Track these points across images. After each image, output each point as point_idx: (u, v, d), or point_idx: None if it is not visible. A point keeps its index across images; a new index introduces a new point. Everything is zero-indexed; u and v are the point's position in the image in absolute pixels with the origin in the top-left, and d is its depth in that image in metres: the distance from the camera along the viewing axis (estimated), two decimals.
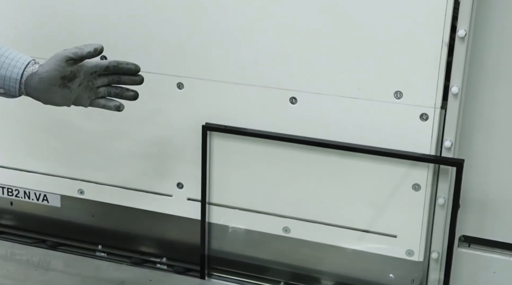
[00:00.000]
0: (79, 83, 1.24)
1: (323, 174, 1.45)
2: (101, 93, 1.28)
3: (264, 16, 1.40)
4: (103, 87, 1.29)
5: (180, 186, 1.57)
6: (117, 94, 1.30)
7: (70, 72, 1.22)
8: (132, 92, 1.30)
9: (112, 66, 1.27)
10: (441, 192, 1.40)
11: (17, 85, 1.22)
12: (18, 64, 1.22)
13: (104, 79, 1.28)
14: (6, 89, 1.23)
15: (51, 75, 1.21)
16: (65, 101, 1.26)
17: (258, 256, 1.57)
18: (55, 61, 1.21)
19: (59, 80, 1.22)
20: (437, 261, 1.44)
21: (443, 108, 1.35)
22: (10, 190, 1.72)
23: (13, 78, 1.22)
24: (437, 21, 1.28)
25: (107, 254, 1.69)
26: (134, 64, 1.29)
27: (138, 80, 1.30)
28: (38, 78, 1.21)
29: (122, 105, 1.30)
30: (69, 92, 1.24)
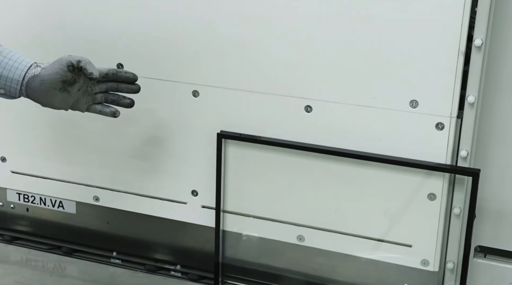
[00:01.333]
0: (78, 88, 1.28)
1: (338, 182, 1.44)
2: (98, 99, 1.32)
3: (280, 24, 1.40)
4: (100, 93, 1.32)
5: (195, 193, 1.57)
6: (114, 101, 1.33)
7: (71, 77, 1.25)
8: (128, 99, 1.33)
9: (111, 74, 1.31)
10: (457, 202, 1.39)
11: (18, 87, 1.25)
12: (21, 66, 1.25)
13: (102, 85, 1.31)
14: (6, 90, 1.26)
15: (52, 79, 1.24)
16: (63, 105, 1.29)
17: (272, 264, 1.57)
18: (58, 66, 1.24)
19: (60, 84, 1.25)
20: (453, 271, 1.43)
21: (459, 118, 1.35)
22: (26, 196, 1.73)
23: (15, 79, 1.25)
24: (454, 30, 1.28)
25: (122, 261, 1.69)
26: (132, 73, 1.33)
27: (135, 89, 1.34)
28: (39, 81, 1.24)
29: (118, 112, 1.32)
30: (68, 96, 1.27)
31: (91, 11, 1.53)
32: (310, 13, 1.37)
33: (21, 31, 1.60)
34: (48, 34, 1.58)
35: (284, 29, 1.40)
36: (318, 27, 1.37)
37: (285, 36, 1.40)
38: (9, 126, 1.69)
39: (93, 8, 1.53)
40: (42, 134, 1.67)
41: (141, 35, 1.51)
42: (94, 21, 1.54)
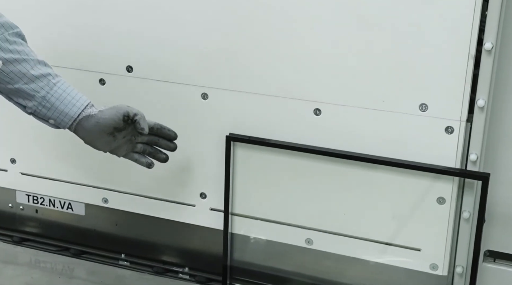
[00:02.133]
0: (124, 136, 1.34)
1: (347, 185, 1.44)
2: (137, 148, 1.38)
3: (289, 27, 1.40)
4: (141, 144, 1.38)
5: (203, 196, 1.57)
6: (151, 154, 1.40)
7: (122, 125, 1.31)
8: (164, 155, 1.41)
9: (156, 128, 1.39)
10: (466, 206, 1.38)
11: (70, 122, 1.30)
12: (78, 104, 1.29)
13: (144, 137, 1.38)
14: (57, 122, 1.31)
15: (107, 123, 1.30)
16: (105, 148, 1.35)
17: (280, 267, 1.57)
18: (116, 113, 1.31)
19: (111, 129, 1.31)
20: (462, 275, 1.42)
21: (468, 122, 1.34)
22: (35, 198, 1.74)
23: (70, 115, 1.29)
24: (464, 34, 1.28)
25: (130, 263, 1.70)
26: (174, 132, 1.41)
27: (172, 147, 1.42)
28: (94, 122, 1.30)
29: (153, 164, 1.40)
30: (113, 141, 1.33)
31: (101, 14, 1.54)
32: (320, 16, 1.37)
33: (32, 34, 1.60)
34: (59, 37, 1.59)
35: (293, 32, 1.40)
36: (328, 30, 1.37)
37: (294, 39, 1.40)
38: (19, 128, 1.69)
39: (103, 11, 1.53)
40: (51, 136, 1.67)
41: (151, 38, 1.51)
42: (104, 24, 1.54)
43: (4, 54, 1.23)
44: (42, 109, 1.28)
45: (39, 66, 1.28)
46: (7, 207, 1.78)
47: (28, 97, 1.27)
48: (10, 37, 1.24)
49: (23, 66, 1.25)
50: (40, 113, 1.30)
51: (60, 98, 1.28)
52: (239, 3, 1.42)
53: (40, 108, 1.28)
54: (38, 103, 1.28)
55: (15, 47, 1.25)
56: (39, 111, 1.29)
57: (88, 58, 1.58)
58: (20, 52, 1.25)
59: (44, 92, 1.27)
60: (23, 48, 1.27)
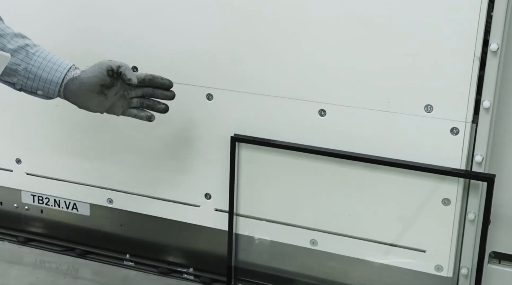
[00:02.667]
0: (115, 92, 1.30)
1: (352, 186, 1.44)
2: (134, 103, 1.34)
3: (294, 28, 1.40)
4: (136, 98, 1.34)
5: (208, 196, 1.58)
6: (149, 106, 1.35)
7: (109, 81, 1.27)
8: (163, 105, 1.36)
9: (147, 80, 1.33)
10: (471, 207, 1.38)
11: (56, 88, 1.27)
12: (60, 69, 1.27)
13: (138, 91, 1.34)
14: (45, 91, 1.28)
15: (91, 82, 1.26)
16: (99, 108, 1.31)
17: (284, 268, 1.57)
18: (98, 69, 1.27)
19: (98, 87, 1.27)
20: (467, 277, 1.42)
21: (474, 123, 1.34)
22: (40, 198, 1.74)
23: (54, 82, 1.27)
24: (469, 35, 1.27)
25: (135, 263, 1.70)
26: (168, 80, 1.35)
27: (170, 96, 1.36)
28: (79, 83, 1.26)
29: (153, 116, 1.35)
30: (105, 100, 1.29)
31: (107, 15, 1.54)
32: (325, 17, 1.37)
33: (39, 36, 1.61)
34: (66, 39, 1.59)
35: (299, 33, 1.40)
36: (333, 31, 1.37)
37: (300, 40, 1.40)
38: (24, 128, 1.70)
39: (109, 13, 1.54)
40: (56, 137, 1.68)
41: (156, 39, 1.51)
42: (110, 25, 1.54)
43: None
44: (27, 82, 1.27)
45: (16, 39, 1.27)
46: (13, 207, 1.79)
47: (11, 72, 1.26)
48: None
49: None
50: (27, 86, 1.28)
51: (42, 67, 1.26)
52: (244, 5, 1.42)
53: (26, 81, 1.27)
54: (22, 76, 1.26)
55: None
56: (25, 85, 1.28)
57: (94, 59, 1.57)
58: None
59: (25, 64, 1.26)
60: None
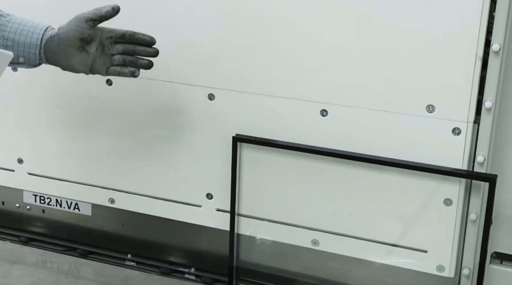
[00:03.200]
0: (95, 47, 1.28)
1: (353, 187, 1.44)
2: (116, 60, 1.31)
3: (296, 29, 1.40)
4: (118, 55, 1.31)
5: (210, 196, 1.58)
6: (132, 62, 1.31)
7: (88, 35, 1.25)
8: (146, 60, 1.32)
9: (128, 35, 1.30)
10: (473, 208, 1.38)
11: (37, 51, 1.25)
12: (37, 30, 1.25)
13: (119, 47, 1.31)
14: (26, 57, 1.26)
15: (70, 36, 1.24)
16: (82, 67, 1.28)
17: (286, 268, 1.57)
18: (75, 22, 1.25)
19: (78, 41, 1.25)
20: (468, 277, 1.42)
21: (476, 123, 1.34)
22: (42, 198, 1.75)
23: (33, 44, 1.25)
24: (471, 35, 1.27)
25: (136, 263, 1.70)
26: (150, 36, 1.31)
27: (152, 52, 1.32)
28: (57, 39, 1.25)
29: (138, 71, 1.31)
30: (87, 57, 1.27)
31: None
32: (327, 18, 1.37)
33: None
34: None
35: (301, 33, 1.40)
36: (335, 31, 1.37)
37: (301, 40, 1.40)
38: (26, 129, 1.70)
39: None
40: (58, 137, 1.68)
41: (157, 38, 1.51)
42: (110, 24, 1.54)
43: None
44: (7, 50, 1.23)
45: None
46: (14, 207, 1.79)
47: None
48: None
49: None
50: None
51: (18, 31, 1.25)
52: (246, 5, 1.42)
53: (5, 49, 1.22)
54: (0, 45, 1.25)
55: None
56: None
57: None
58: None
59: (1, 32, 1.25)
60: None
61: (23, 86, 1.65)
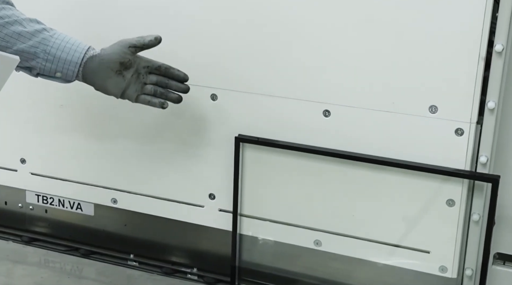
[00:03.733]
0: (131, 74, 1.32)
1: (356, 187, 1.44)
2: (148, 90, 1.35)
3: (298, 28, 1.40)
4: (150, 85, 1.36)
5: (212, 197, 1.58)
6: (163, 94, 1.36)
7: (128, 60, 1.30)
8: (176, 95, 1.37)
9: (164, 68, 1.36)
10: (476, 208, 1.38)
11: (76, 69, 1.30)
12: (79, 49, 1.30)
13: (153, 77, 1.36)
14: (63, 73, 1.30)
15: (111, 59, 1.29)
16: (116, 90, 1.33)
17: (288, 268, 1.57)
18: (118, 47, 1.30)
19: (117, 65, 1.30)
20: (471, 278, 1.42)
21: (478, 124, 1.34)
22: (45, 198, 1.75)
23: (74, 62, 1.29)
24: (474, 36, 1.27)
25: (139, 263, 1.70)
26: (183, 73, 1.37)
27: (184, 88, 1.38)
28: (99, 60, 1.29)
29: (166, 103, 1.36)
30: (122, 81, 1.31)
31: (111, 14, 1.54)
32: (330, 17, 1.37)
33: None
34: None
35: (303, 33, 1.40)
36: (338, 31, 1.37)
37: (304, 40, 1.40)
38: (29, 128, 1.70)
39: (112, 12, 1.54)
40: (61, 137, 1.68)
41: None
42: (115, 24, 1.55)
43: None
44: (46, 64, 1.29)
45: (32, 23, 1.30)
46: (17, 207, 1.79)
47: (30, 56, 1.28)
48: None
49: (16, 27, 1.27)
50: (45, 69, 1.30)
51: (61, 48, 1.28)
52: (249, 5, 1.42)
53: (44, 64, 1.28)
54: (41, 59, 1.28)
55: (4, 12, 1.28)
56: (44, 67, 1.29)
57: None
58: (10, 15, 1.28)
59: (44, 46, 1.28)
60: (13, 12, 1.29)
61: (26, 85, 1.65)
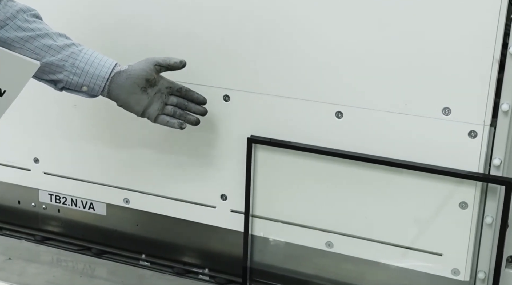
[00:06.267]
0: (155, 92, 1.37)
1: (368, 189, 1.44)
2: (168, 110, 1.40)
3: (311, 30, 1.40)
4: (171, 106, 1.40)
5: (224, 197, 1.58)
6: (182, 116, 1.41)
7: (153, 78, 1.35)
8: (195, 117, 1.42)
9: (184, 90, 1.41)
10: (489, 211, 1.37)
11: (103, 83, 1.34)
12: (107, 64, 1.34)
13: (174, 99, 1.40)
14: (89, 87, 1.35)
15: (138, 74, 1.33)
16: (138, 107, 1.37)
17: (300, 270, 1.56)
18: (145, 63, 1.35)
19: (144, 81, 1.34)
20: (484, 281, 1.41)
21: (492, 126, 1.33)
22: (58, 197, 1.76)
23: (101, 76, 1.33)
24: (488, 38, 1.26)
25: (151, 263, 1.71)
26: (203, 96, 1.42)
27: (202, 111, 1.43)
28: (126, 75, 1.33)
29: (185, 124, 1.40)
30: (146, 98, 1.36)
31: (124, 14, 1.55)
32: (343, 19, 1.37)
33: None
34: (85, 37, 1.60)
35: (316, 34, 1.40)
36: (351, 33, 1.37)
37: (317, 41, 1.40)
38: (42, 128, 1.71)
39: (125, 12, 1.54)
40: (74, 136, 1.69)
41: (173, 39, 1.52)
42: (127, 24, 1.55)
43: (26, 32, 1.31)
44: (73, 78, 1.32)
45: (61, 38, 1.35)
46: (30, 206, 1.80)
47: (58, 69, 1.32)
48: (29, 18, 1.32)
49: (46, 40, 1.32)
50: (72, 83, 1.33)
51: (89, 62, 1.33)
52: (262, 6, 1.42)
53: (72, 77, 1.32)
54: (68, 72, 1.32)
55: (35, 25, 1.32)
56: (71, 81, 1.33)
57: (112, 59, 1.59)
58: (41, 29, 1.33)
59: (72, 60, 1.32)
60: (43, 25, 1.34)
61: (40, 86, 1.66)
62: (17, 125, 1.73)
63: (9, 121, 1.46)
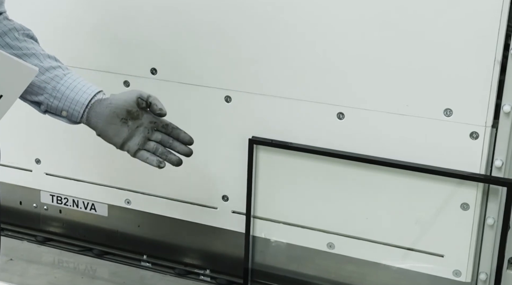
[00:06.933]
0: (137, 126, 1.28)
1: (369, 190, 1.44)
2: (150, 146, 1.30)
3: (313, 31, 1.40)
4: (153, 142, 1.30)
5: (226, 198, 1.58)
6: (163, 154, 1.30)
7: (136, 110, 1.26)
8: (177, 157, 1.31)
9: (171, 127, 1.30)
10: (491, 212, 1.37)
11: (81, 110, 1.27)
12: (89, 91, 1.27)
13: (158, 135, 1.30)
14: (69, 113, 1.27)
15: (119, 104, 1.25)
16: (116, 139, 1.28)
17: (301, 271, 1.56)
18: (129, 94, 1.26)
19: (124, 112, 1.26)
20: (485, 282, 1.41)
21: (494, 127, 1.33)
22: (59, 198, 1.76)
23: (80, 102, 1.26)
24: (490, 39, 1.27)
25: (152, 264, 1.71)
26: (189, 136, 1.31)
27: (187, 152, 1.31)
28: (106, 104, 1.26)
29: (164, 163, 1.30)
30: (125, 131, 1.27)
31: (126, 17, 1.55)
32: (345, 21, 1.37)
33: (61, 36, 1.62)
34: (86, 40, 1.60)
35: (318, 36, 1.40)
36: (352, 34, 1.37)
37: (319, 43, 1.40)
38: (44, 129, 1.71)
39: (128, 15, 1.55)
40: (76, 138, 1.69)
41: (175, 41, 1.52)
42: (129, 26, 1.55)
43: (13, 50, 1.26)
44: (53, 101, 1.27)
45: (49, 60, 1.29)
46: (32, 207, 1.80)
47: (39, 91, 1.26)
48: (20, 37, 1.28)
49: (32, 59, 1.26)
50: (52, 106, 1.27)
51: (70, 87, 1.26)
52: (263, 8, 1.43)
53: (52, 100, 1.26)
54: (49, 95, 1.26)
55: (25, 44, 1.27)
56: (51, 104, 1.27)
57: (113, 60, 1.59)
58: (29, 48, 1.27)
59: (54, 83, 1.26)
60: (33, 46, 1.29)
61: None
62: (19, 126, 1.73)
63: (10, 122, 1.46)
